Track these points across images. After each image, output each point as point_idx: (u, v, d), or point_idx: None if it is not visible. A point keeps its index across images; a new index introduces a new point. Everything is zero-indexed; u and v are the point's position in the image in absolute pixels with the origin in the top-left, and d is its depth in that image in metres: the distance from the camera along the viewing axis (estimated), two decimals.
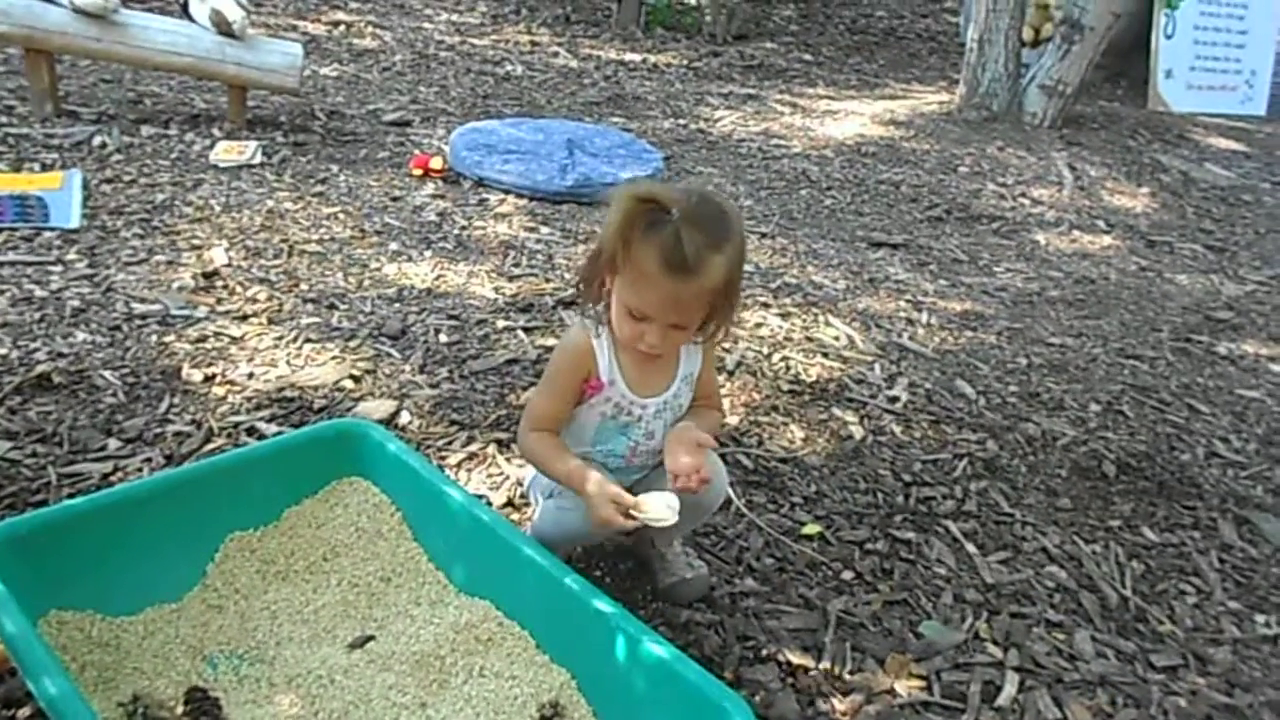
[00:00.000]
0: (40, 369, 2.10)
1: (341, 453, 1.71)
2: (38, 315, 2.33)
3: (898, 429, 2.37)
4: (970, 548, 1.99)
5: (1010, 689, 1.65)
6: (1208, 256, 3.90)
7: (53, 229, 2.75)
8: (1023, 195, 4.28)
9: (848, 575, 1.87)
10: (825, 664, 1.65)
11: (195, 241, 2.81)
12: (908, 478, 2.19)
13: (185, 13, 3.58)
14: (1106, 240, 3.91)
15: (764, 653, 1.65)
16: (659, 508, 1.44)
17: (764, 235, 3.44)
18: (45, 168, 3.14)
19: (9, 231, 2.71)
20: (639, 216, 1.36)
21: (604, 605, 1.41)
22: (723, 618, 1.70)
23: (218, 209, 3.03)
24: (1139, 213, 4.29)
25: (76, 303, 2.41)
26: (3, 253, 2.61)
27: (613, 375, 1.53)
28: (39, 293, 2.43)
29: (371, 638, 1.49)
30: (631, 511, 1.44)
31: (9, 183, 2.95)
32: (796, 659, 1.65)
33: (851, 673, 1.65)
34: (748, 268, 3.10)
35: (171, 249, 2.75)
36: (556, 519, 1.63)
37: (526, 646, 1.49)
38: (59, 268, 2.57)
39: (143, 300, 2.46)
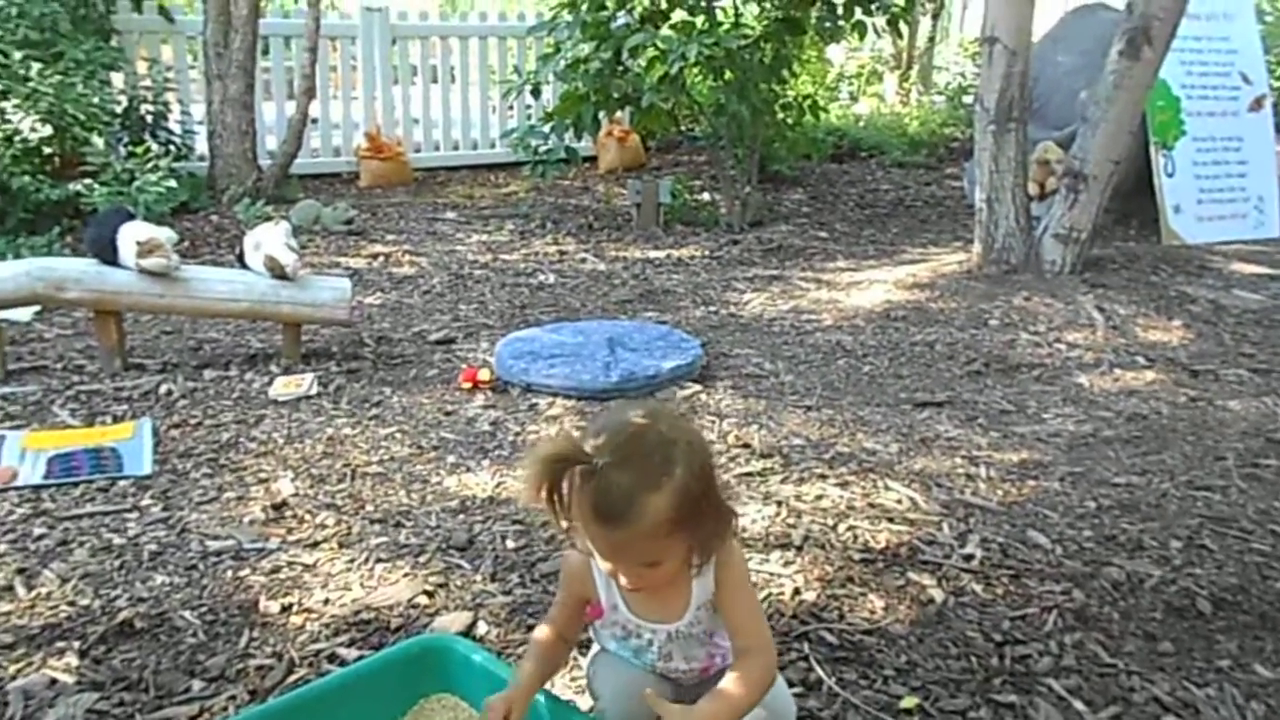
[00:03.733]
0: (122, 615, 2.13)
1: (427, 670, 1.71)
2: (117, 563, 2.39)
3: (978, 588, 2.32)
4: (1078, 705, 1.91)
5: None
6: (1255, 380, 3.88)
7: (127, 477, 2.85)
8: (1057, 341, 4.33)
9: None
10: None
11: (262, 475, 2.89)
12: (998, 637, 2.13)
13: (241, 262, 3.83)
14: (1150, 375, 3.92)
15: None
16: None
17: (809, 408, 3.48)
18: (116, 420, 3.28)
19: (86, 484, 2.80)
20: (557, 477, 1.32)
21: None
22: None
23: (280, 441, 3.13)
24: (1176, 345, 4.31)
25: (153, 546, 2.47)
26: (81, 505, 2.69)
27: (614, 599, 1.51)
28: (117, 540, 2.50)
29: None
30: None
31: (84, 438, 3.09)
32: None
33: None
34: (798, 441, 3.14)
35: (240, 485, 2.83)
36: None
37: None
38: (135, 514, 2.65)
39: (216, 537, 2.52)
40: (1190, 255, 5.91)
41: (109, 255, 3.57)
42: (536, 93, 6.92)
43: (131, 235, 3.54)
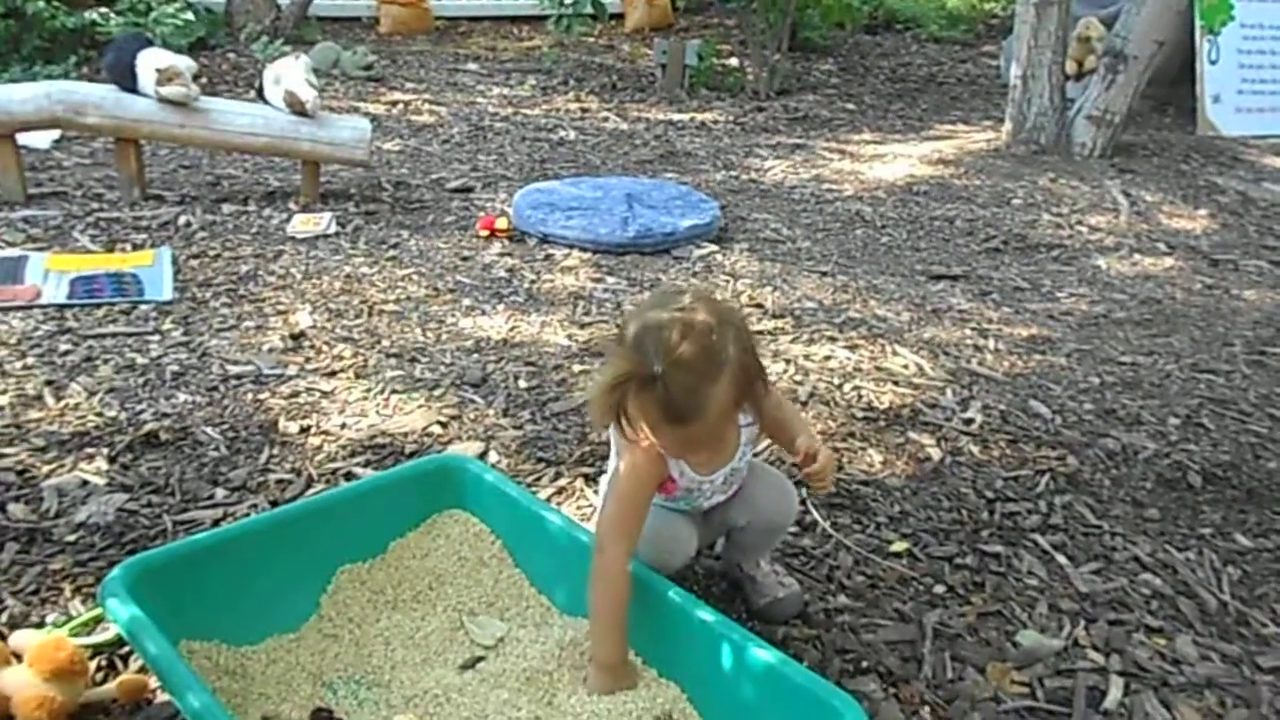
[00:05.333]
0: (147, 428, 2.21)
1: (441, 486, 1.78)
2: (141, 380, 2.46)
3: (975, 449, 2.38)
4: (1061, 559, 1.99)
5: (1116, 693, 1.64)
6: (1274, 272, 3.86)
7: (148, 302, 2.90)
8: (1079, 223, 4.29)
9: (939, 589, 1.88)
10: (926, 673, 1.66)
11: (280, 307, 2.94)
12: (990, 494, 2.19)
13: (260, 96, 3.78)
14: (1169, 261, 3.90)
15: (864, 664, 1.67)
16: (481, 633, 1.56)
17: (824, 274, 3.49)
18: (136, 247, 3.31)
19: (108, 306, 2.86)
20: (624, 397, 1.35)
21: (707, 615, 1.44)
22: (819, 633, 1.72)
23: (299, 276, 3.17)
24: (1199, 233, 4.27)
25: (175, 367, 2.54)
26: (104, 325, 2.75)
27: (680, 468, 1.56)
28: (140, 360, 2.56)
29: (481, 658, 1.54)
30: None
31: (105, 262, 3.12)
32: (897, 669, 1.66)
33: (953, 681, 1.65)
34: (810, 304, 3.16)
35: (259, 315, 2.88)
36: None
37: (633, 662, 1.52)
38: (156, 337, 2.70)
39: (236, 362, 2.58)
40: (1224, 146, 5.78)
41: (128, 81, 3.54)
42: None
43: (151, 62, 3.49)
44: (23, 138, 3.71)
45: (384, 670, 1.52)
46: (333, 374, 2.55)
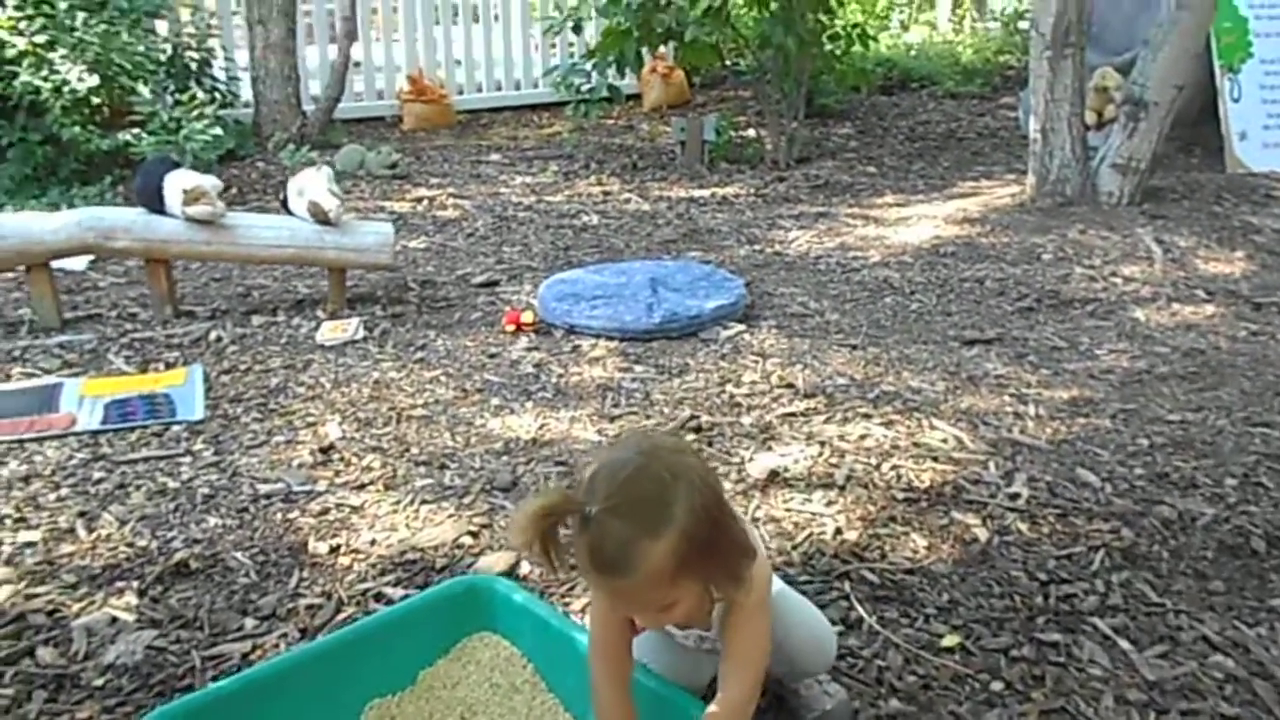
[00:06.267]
0: (178, 556, 2.20)
1: (469, 609, 1.74)
2: (172, 505, 2.45)
3: (1024, 526, 2.29)
4: (1124, 644, 1.89)
5: None
6: None
7: (180, 422, 2.91)
8: (1113, 275, 4.21)
9: (997, 686, 1.79)
10: None
11: (310, 419, 2.94)
12: (1043, 576, 2.10)
13: (285, 208, 3.85)
14: (1209, 309, 3.80)
15: None
16: None
17: (854, 347, 3.44)
18: (169, 366, 3.35)
19: (141, 430, 2.87)
20: (548, 530, 1.25)
21: None
22: None
23: (328, 386, 3.18)
24: (1238, 277, 4.17)
25: (206, 490, 2.53)
26: (137, 449, 2.77)
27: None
28: (171, 484, 2.56)
29: None
30: None
31: (138, 384, 3.16)
32: None
33: None
34: (842, 380, 3.11)
35: (289, 429, 2.88)
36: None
37: None
38: (188, 458, 2.71)
39: (266, 480, 2.57)
40: (1256, 184, 5.68)
41: (156, 204, 3.62)
42: (578, 29, 6.83)
43: (178, 184, 3.58)
44: (58, 261, 3.80)
45: None
46: (362, 487, 2.53)
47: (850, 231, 5.00)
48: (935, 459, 2.61)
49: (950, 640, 1.90)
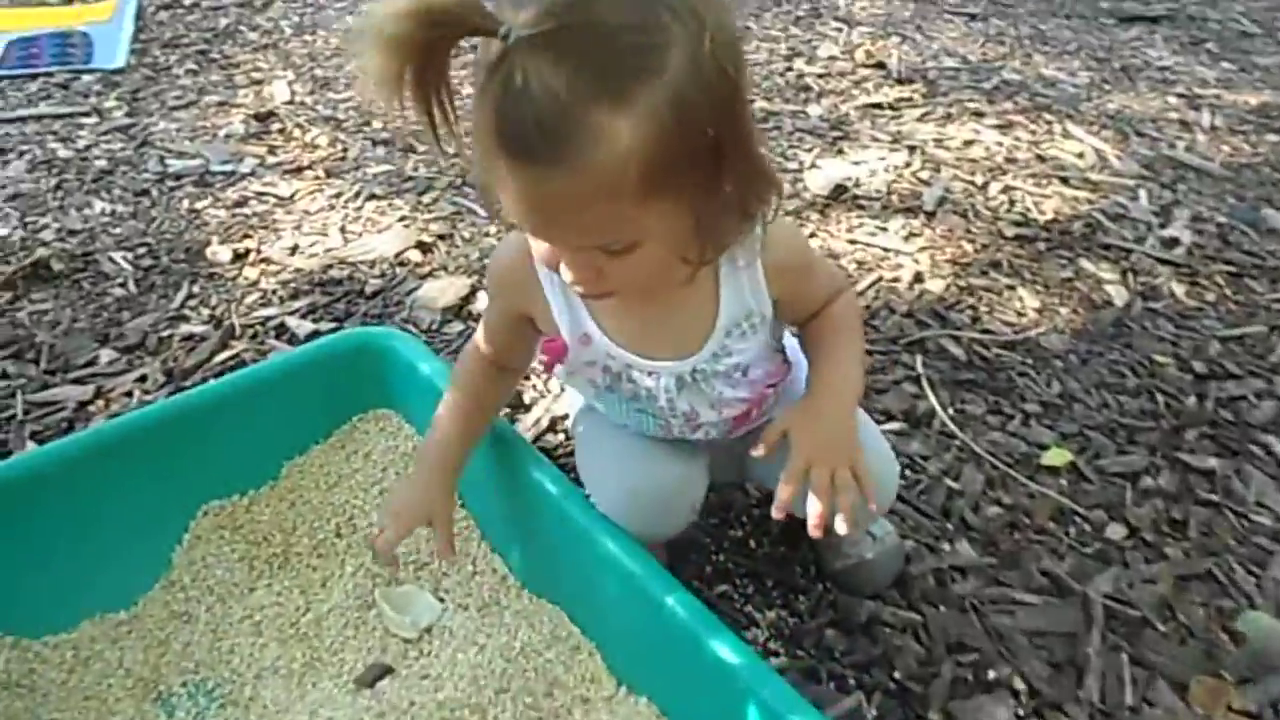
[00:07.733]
0: (39, 254, 1.68)
1: (363, 375, 1.20)
2: (54, 182, 1.92)
3: (1179, 289, 1.65)
4: None
5: None
6: None
7: (94, 71, 2.32)
8: None
9: (1116, 532, 1.24)
10: (1089, 691, 1.05)
11: (256, 74, 2.32)
12: (1200, 367, 1.49)
13: None
14: None
15: (990, 675, 1.07)
16: (399, 619, 1.03)
17: (972, 17, 2.63)
18: None
19: (45, 78, 2.29)
20: (429, 52, 0.66)
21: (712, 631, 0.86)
22: (925, 615, 1.12)
23: (288, 32, 2.53)
24: None
25: (104, 163, 1.98)
26: (33, 104, 2.20)
27: (581, 324, 0.89)
28: (63, 152, 2.02)
29: (389, 669, 1.01)
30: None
31: (54, 18, 2.54)
32: (1043, 682, 1.06)
33: (1134, 709, 1.05)
34: (950, 62, 2.35)
35: (227, 85, 2.27)
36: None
37: (606, 684, 0.97)
38: (92, 118, 2.15)
39: (181, 154, 2.01)
40: None
41: None
42: None
43: None
44: None
45: (245, 678, 1.01)
46: (298, 170, 1.96)
47: None
48: (1066, 181, 1.93)
49: (1056, 456, 1.34)
